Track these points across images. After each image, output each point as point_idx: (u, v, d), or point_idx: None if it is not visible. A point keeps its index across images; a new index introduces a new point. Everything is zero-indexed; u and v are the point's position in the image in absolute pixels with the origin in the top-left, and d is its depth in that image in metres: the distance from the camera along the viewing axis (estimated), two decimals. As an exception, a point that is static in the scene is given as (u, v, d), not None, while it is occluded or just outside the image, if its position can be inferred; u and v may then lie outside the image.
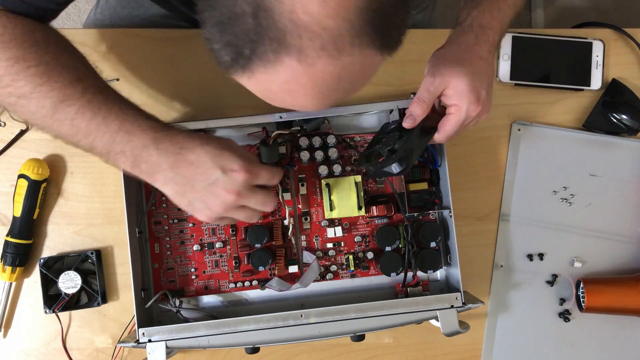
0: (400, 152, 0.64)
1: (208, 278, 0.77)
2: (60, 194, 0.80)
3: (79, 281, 0.77)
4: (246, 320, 0.69)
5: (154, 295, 0.74)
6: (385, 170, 0.65)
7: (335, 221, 0.78)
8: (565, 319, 0.81)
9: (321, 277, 0.78)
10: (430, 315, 0.71)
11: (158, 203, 0.77)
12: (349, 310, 0.70)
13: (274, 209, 0.71)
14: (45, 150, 0.80)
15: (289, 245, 0.78)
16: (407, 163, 0.64)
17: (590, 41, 0.84)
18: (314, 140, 0.75)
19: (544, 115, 0.84)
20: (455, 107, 0.64)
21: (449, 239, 0.75)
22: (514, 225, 0.82)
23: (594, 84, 0.84)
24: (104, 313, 0.79)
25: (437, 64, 0.64)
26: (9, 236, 0.77)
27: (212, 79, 0.81)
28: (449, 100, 0.64)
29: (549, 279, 0.82)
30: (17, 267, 0.77)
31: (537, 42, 0.84)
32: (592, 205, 0.83)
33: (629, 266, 0.82)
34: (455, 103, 0.64)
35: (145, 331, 0.69)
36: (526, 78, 0.84)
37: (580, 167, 0.83)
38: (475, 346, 0.82)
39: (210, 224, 0.77)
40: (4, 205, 0.79)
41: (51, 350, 0.79)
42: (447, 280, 0.79)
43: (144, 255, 0.76)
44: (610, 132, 0.83)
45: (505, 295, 0.82)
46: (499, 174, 0.83)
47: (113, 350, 0.79)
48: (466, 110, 0.63)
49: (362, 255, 0.78)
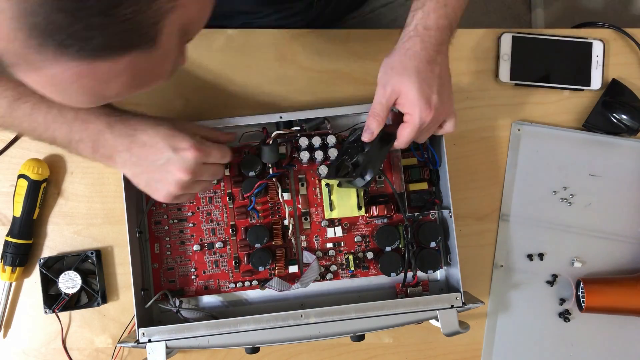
0: (362, 166, 0.67)
1: (208, 278, 0.77)
2: (60, 194, 0.80)
3: (79, 281, 0.77)
4: (246, 320, 0.69)
5: (154, 295, 0.75)
6: (350, 183, 0.70)
7: (335, 221, 0.78)
8: (565, 319, 0.81)
9: (321, 277, 0.78)
10: (430, 315, 0.71)
11: (158, 203, 0.77)
12: (349, 310, 0.70)
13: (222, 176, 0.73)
14: (45, 150, 0.80)
15: (289, 245, 0.78)
16: (370, 174, 0.67)
17: (590, 41, 0.84)
18: (314, 140, 0.75)
19: (544, 115, 0.84)
20: (408, 116, 0.65)
21: (449, 239, 0.75)
22: (514, 225, 0.82)
23: (594, 84, 0.84)
24: (104, 313, 0.79)
25: (386, 73, 0.65)
26: (9, 236, 0.77)
27: (212, 79, 0.81)
28: (403, 109, 0.65)
29: (549, 279, 0.82)
30: (17, 267, 0.77)
31: (537, 42, 0.84)
32: (592, 205, 0.83)
33: (629, 266, 0.82)
34: (407, 112, 0.65)
35: (145, 331, 0.69)
36: (526, 78, 0.84)
37: (580, 167, 0.83)
38: (475, 346, 0.82)
39: (208, 225, 0.77)
40: (4, 205, 0.79)
41: (51, 350, 0.79)
42: (447, 280, 0.79)
43: (144, 255, 0.76)
44: (610, 132, 0.83)
45: (505, 295, 0.82)
46: (499, 174, 0.83)
47: (113, 350, 0.79)
48: (419, 117, 0.64)
49: (362, 255, 0.78)
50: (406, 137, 0.66)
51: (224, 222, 0.77)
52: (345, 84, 0.82)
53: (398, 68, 0.64)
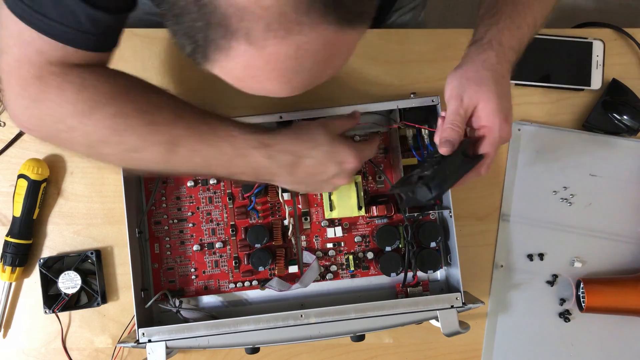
0: (428, 177, 0.59)
1: (208, 278, 0.77)
2: (60, 194, 0.80)
3: (78, 281, 0.76)
4: (246, 321, 0.69)
5: (153, 295, 0.75)
6: (414, 197, 0.60)
7: (335, 221, 0.78)
8: (566, 319, 0.81)
9: (321, 277, 0.78)
10: (430, 315, 0.71)
11: (158, 203, 0.77)
12: (349, 311, 0.70)
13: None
14: (45, 150, 0.80)
15: (289, 245, 0.78)
16: (437, 189, 0.58)
17: (590, 41, 0.84)
18: (314, 140, 0.75)
19: (544, 115, 0.84)
20: (487, 129, 0.61)
21: (449, 239, 0.75)
22: (514, 225, 0.82)
23: (594, 84, 0.84)
24: (104, 313, 0.79)
25: (461, 84, 0.61)
26: (8, 236, 0.77)
27: (212, 79, 0.80)
28: (479, 122, 0.61)
29: (549, 279, 0.82)
30: (17, 267, 0.77)
31: (537, 42, 0.84)
32: (592, 205, 0.83)
33: (629, 266, 0.82)
34: (485, 124, 0.61)
35: (145, 331, 0.69)
36: (526, 78, 0.84)
37: (580, 167, 0.83)
38: (475, 346, 0.81)
39: (208, 225, 0.77)
40: (3, 205, 0.79)
41: (51, 350, 0.79)
42: (447, 280, 0.79)
43: (144, 255, 0.76)
44: (610, 132, 0.83)
45: (505, 295, 0.82)
46: (499, 174, 0.83)
47: (113, 350, 0.79)
48: (498, 129, 0.60)
49: (362, 255, 0.78)
50: (488, 148, 0.61)
51: (224, 222, 0.77)
52: (346, 84, 0.82)
53: (475, 79, 0.61)
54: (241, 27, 0.42)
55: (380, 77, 0.83)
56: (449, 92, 0.62)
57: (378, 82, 0.82)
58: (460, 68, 0.63)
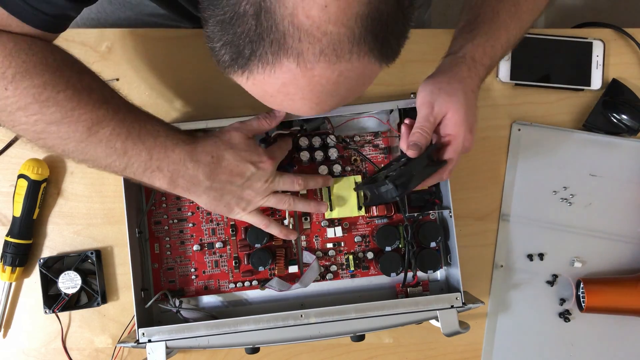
0: (394, 177, 0.63)
1: (208, 278, 0.77)
2: (60, 194, 0.80)
3: (78, 281, 0.76)
4: (246, 321, 0.69)
5: (154, 295, 0.75)
6: (379, 194, 0.65)
7: (335, 221, 0.78)
8: (565, 319, 0.81)
9: (321, 277, 0.78)
10: (430, 315, 0.71)
11: (158, 203, 0.77)
12: (349, 311, 0.70)
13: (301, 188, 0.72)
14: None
15: (289, 245, 0.78)
16: (402, 188, 0.63)
17: (590, 41, 0.84)
18: (314, 140, 0.75)
19: (544, 115, 0.84)
20: (452, 137, 0.65)
21: (449, 239, 0.75)
22: (514, 225, 0.82)
23: (594, 84, 0.84)
24: (104, 313, 0.79)
25: (433, 93, 0.65)
26: (8, 236, 0.77)
27: (212, 79, 0.81)
28: (445, 130, 0.65)
29: (549, 279, 0.82)
30: (17, 267, 0.77)
31: (537, 42, 0.84)
32: (592, 205, 0.83)
33: (629, 266, 0.82)
34: (450, 132, 0.65)
35: (145, 331, 0.69)
36: (526, 78, 0.84)
37: (580, 167, 0.83)
38: (475, 346, 0.82)
39: (208, 225, 0.77)
40: (3, 205, 0.79)
41: (51, 350, 0.79)
42: (447, 280, 0.79)
43: (144, 255, 0.76)
44: (610, 132, 0.83)
45: (505, 295, 0.82)
46: (499, 174, 0.83)
47: (113, 350, 0.79)
48: (463, 139, 0.64)
49: (362, 255, 0.78)
50: (452, 155, 0.65)
51: (224, 222, 0.77)
52: (345, 84, 0.82)
53: (447, 89, 0.64)
54: (296, 47, 0.44)
55: (380, 77, 0.81)
56: (420, 99, 0.66)
57: (378, 82, 0.82)
58: (433, 78, 0.67)
